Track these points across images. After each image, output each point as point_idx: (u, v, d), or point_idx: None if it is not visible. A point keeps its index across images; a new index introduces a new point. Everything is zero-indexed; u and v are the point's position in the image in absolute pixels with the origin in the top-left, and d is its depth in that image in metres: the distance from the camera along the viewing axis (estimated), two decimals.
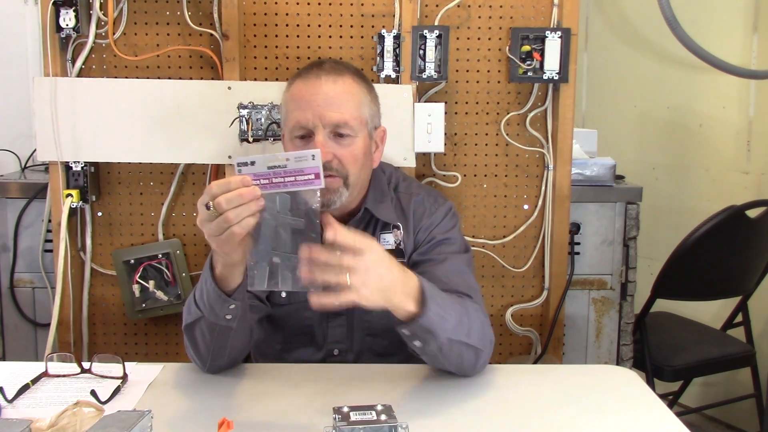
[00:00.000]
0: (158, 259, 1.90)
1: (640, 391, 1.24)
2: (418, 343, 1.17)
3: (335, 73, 1.34)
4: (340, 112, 1.31)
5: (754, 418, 2.55)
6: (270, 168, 1.05)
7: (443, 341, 1.16)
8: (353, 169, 1.34)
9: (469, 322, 1.21)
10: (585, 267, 2.05)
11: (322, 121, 1.30)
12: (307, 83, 1.33)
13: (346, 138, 1.32)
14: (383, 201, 1.45)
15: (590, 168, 2.06)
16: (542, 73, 1.86)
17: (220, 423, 0.99)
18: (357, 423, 0.96)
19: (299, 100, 1.32)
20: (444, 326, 1.16)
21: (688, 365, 2.29)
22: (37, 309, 2.02)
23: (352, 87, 1.34)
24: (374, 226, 1.44)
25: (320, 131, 1.30)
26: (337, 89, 1.32)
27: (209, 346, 1.23)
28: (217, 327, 1.19)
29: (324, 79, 1.32)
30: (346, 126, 1.31)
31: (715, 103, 2.82)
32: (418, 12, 1.86)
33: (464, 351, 1.21)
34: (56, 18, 1.78)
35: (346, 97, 1.33)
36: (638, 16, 3.06)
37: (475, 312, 1.25)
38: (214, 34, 1.85)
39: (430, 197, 1.49)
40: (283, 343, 1.46)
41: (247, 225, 1.05)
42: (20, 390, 1.17)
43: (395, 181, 1.51)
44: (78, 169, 1.85)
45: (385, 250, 1.11)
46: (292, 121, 1.33)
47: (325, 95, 1.31)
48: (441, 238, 1.42)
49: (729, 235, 2.20)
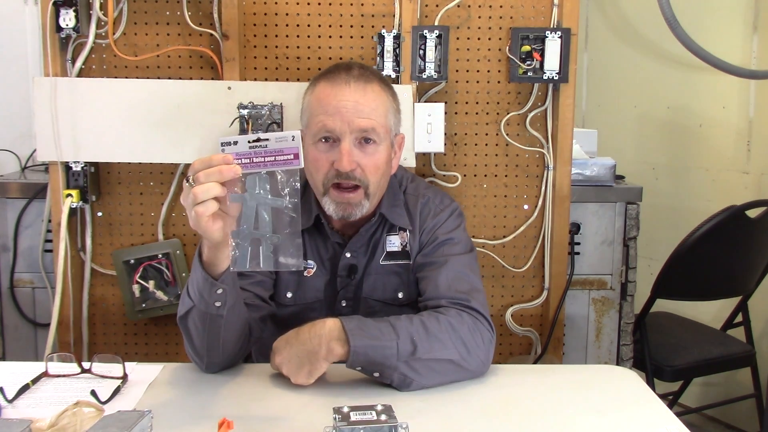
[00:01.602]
0: (158, 259, 1.90)
1: (640, 391, 1.24)
2: (376, 375, 1.20)
3: (364, 80, 1.34)
4: (369, 119, 1.32)
5: (754, 418, 2.55)
6: (251, 147, 1.07)
7: (399, 366, 1.17)
8: (374, 178, 1.35)
9: (429, 338, 1.20)
10: (585, 267, 2.05)
11: (350, 127, 1.30)
12: (336, 87, 1.33)
13: (371, 145, 1.33)
14: (396, 205, 1.46)
15: (590, 168, 2.06)
16: (542, 73, 1.86)
17: (220, 423, 0.99)
18: (357, 423, 0.96)
19: (327, 104, 1.32)
20: (387, 354, 1.17)
21: (688, 365, 2.29)
22: (37, 309, 2.02)
23: (380, 95, 1.35)
24: (382, 228, 1.45)
25: (347, 138, 1.31)
26: (367, 96, 1.33)
27: (202, 337, 1.23)
28: (208, 316, 1.20)
29: (354, 85, 1.32)
30: (373, 132, 1.32)
31: (715, 103, 2.82)
32: (418, 12, 1.86)
33: (435, 367, 1.21)
34: (56, 18, 1.78)
35: (374, 104, 1.33)
36: (638, 16, 3.06)
37: (439, 326, 1.23)
38: (214, 34, 1.85)
39: (436, 198, 1.49)
40: None
41: (211, 207, 1.06)
42: (20, 390, 1.17)
43: (405, 184, 1.51)
44: (78, 169, 1.85)
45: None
46: (318, 124, 1.32)
47: (355, 102, 1.31)
48: (444, 238, 1.43)
49: (729, 235, 2.20)
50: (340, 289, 1.44)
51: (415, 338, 1.20)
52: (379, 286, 1.45)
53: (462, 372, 1.24)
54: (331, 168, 1.32)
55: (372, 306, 1.44)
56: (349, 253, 1.43)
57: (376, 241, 1.44)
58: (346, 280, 1.43)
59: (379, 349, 1.17)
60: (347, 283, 1.44)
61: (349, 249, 1.43)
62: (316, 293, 1.44)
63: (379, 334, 1.19)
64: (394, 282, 1.45)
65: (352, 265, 1.43)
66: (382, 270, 1.44)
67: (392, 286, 1.45)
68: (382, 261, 1.44)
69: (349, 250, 1.43)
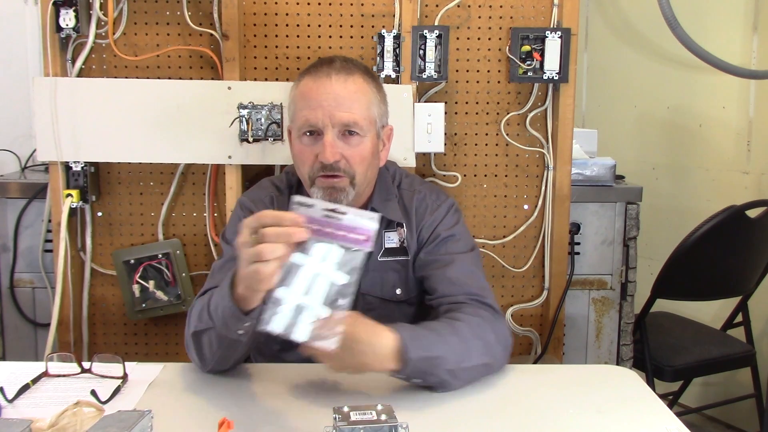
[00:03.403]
0: (158, 259, 1.90)
1: (640, 391, 1.24)
2: (417, 381, 1.20)
3: (345, 72, 1.34)
4: (350, 112, 1.31)
5: (754, 418, 2.55)
6: (326, 215, 1.02)
7: (442, 374, 1.18)
8: (360, 169, 1.35)
9: (467, 346, 1.22)
10: (585, 267, 2.05)
11: (332, 120, 1.31)
12: (318, 81, 1.33)
13: (355, 137, 1.33)
14: (389, 199, 1.46)
15: (590, 168, 2.06)
16: (542, 73, 1.86)
17: (220, 423, 0.99)
18: (357, 423, 0.96)
19: (309, 98, 1.33)
20: (436, 364, 1.17)
21: (688, 365, 2.28)
22: (37, 309, 2.02)
23: (362, 87, 1.35)
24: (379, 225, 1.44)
25: (329, 131, 1.31)
26: (348, 89, 1.32)
27: (215, 354, 1.22)
28: (227, 339, 1.18)
29: (335, 78, 1.32)
30: (355, 125, 1.32)
31: (715, 103, 2.82)
32: (418, 12, 1.86)
33: (472, 373, 1.23)
34: (56, 18, 1.78)
35: (356, 96, 1.33)
36: (638, 16, 3.06)
37: (470, 330, 1.24)
38: (214, 34, 1.85)
39: (432, 194, 1.49)
40: (282, 345, 1.46)
41: (272, 267, 1.01)
42: (20, 390, 1.17)
43: (398, 179, 1.51)
44: (78, 169, 1.85)
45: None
46: (302, 119, 1.33)
47: (336, 95, 1.31)
48: (446, 234, 1.43)
49: (729, 235, 2.20)
50: None
51: (457, 348, 1.20)
52: (377, 283, 1.45)
53: (491, 370, 1.26)
54: (316, 161, 1.32)
55: (370, 302, 1.44)
56: None
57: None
58: None
59: (430, 360, 1.17)
60: None
61: None
62: None
63: (430, 346, 1.18)
64: (393, 278, 1.45)
65: None
66: (380, 266, 1.44)
67: (390, 283, 1.45)
68: (380, 257, 1.44)
69: None
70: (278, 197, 1.47)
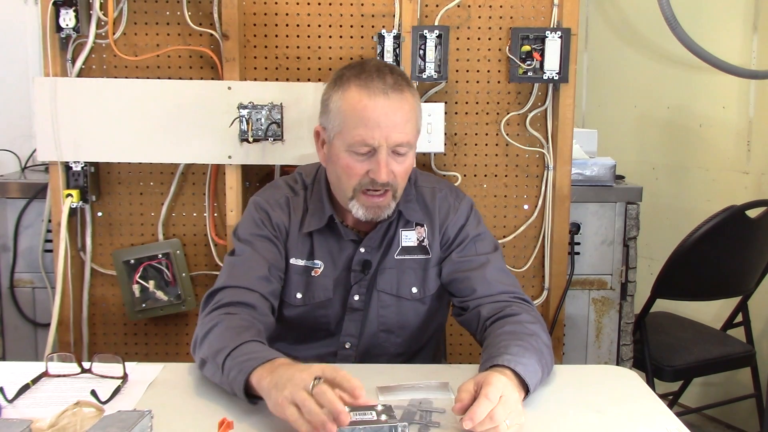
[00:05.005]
0: (158, 259, 1.90)
1: (640, 391, 1.24)
2: None
3: (398, 90, 1.33)
4: (405, 133, 1.33)
5: (754, 418, 2.55)
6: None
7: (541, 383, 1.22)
8: (403, 183, 1.39)
9: (547, 356, 1.24)
10: (585, 267, 2.05)
11: (387, 141, 1.32)
12: (374, 100, 1.31)
13: (403, 154, 1.35)
14: (409, 200, 1.47)
15: (590, 168, 2.06)
16: (542, 73, 1.86)
17: (220, 423, 1.00)
18: (357, 423, 0.96)
19: (365, 117, 1.31)
20: (542, 380, 1.20)
21: (688, 365, 2.28)
22: (37, 309, 2.02)
23: (412, 105, 1.36)
24: (396, 224, 1.45)
25: (383, 150, 1.32)
26: (403, 109, 1.33)
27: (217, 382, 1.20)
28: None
29: (392, 97, 1.32)
30: (407, 145, 1.34)
31: (715, 103, 2.82)
32: (418, 12, 1.86)
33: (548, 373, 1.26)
34: (56, 18, 1.78)
35: (409, 116, 1.35)
36: (638, 16, 3.06)
37: (538, 339, 1.25)
38: (214, 34, 1.85)
39: (452, 193, 1.51)
40: (294, 340, 1.47)
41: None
42: (20, 390, 1.17)
43: (414, 177, 1.51)
44: (78, 169, 1.85)
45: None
46: (357, 136, 1.32)
47: (393, 116, 1.32)
48: (474, 234, 1.46)
49: (729, 235, 2.20)
50: (354, 283, 1.45)
51: (543, 361, 1.21)
52: (394, 281, 1.46)
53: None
54: (365, 176, 1.34)
55: (385, 300, 1.45)
56: (364, 248, 1.44)
57: (390, 236, 1.46)
58: (360, 275, 1.44)
59: (540, 381, 1.19)
60: (361, 278, 1.44)
61: (364, 245, 1.44)
62: (325, 292, 1.45)
63: (536, 369, 1.18)
64: (409, 277, 1.46)
65: (366, 261, 1.44)
66: (396, 265, 1.46)
67: (407, 281, 1.46)
68: (396, 256, 1.45)
69: (364, 245, 1.44)
70: (293, 198, 1.47)
